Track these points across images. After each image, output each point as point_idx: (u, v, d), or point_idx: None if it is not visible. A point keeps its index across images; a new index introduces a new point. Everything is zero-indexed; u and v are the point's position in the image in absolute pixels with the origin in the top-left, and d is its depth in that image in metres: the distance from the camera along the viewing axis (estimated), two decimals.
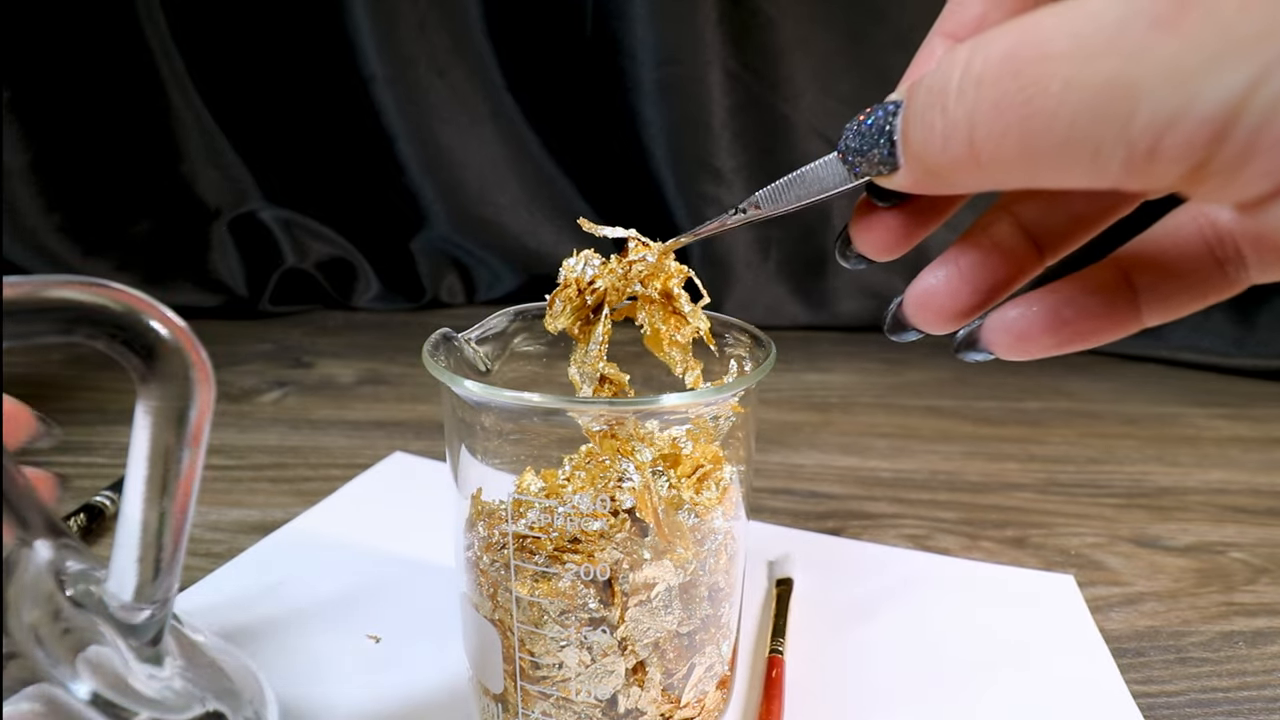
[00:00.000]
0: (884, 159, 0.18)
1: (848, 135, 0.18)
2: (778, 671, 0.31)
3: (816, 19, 0.76)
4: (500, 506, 0.27)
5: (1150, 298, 0.19)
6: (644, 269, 0.26)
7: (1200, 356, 0.76)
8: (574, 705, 0.26)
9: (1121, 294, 0.19)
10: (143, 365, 0.19)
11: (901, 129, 0.17)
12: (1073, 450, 0.57)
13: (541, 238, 0.86)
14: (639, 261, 0.26)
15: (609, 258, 0.26)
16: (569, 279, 0.26)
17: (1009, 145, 0.14)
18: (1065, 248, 0.21)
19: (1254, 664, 0.35)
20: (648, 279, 0.26)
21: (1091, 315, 0.19)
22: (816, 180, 0.20)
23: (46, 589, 0.20)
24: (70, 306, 0.18)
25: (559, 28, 0.80)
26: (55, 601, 0.20)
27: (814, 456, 0.55)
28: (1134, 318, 0.19)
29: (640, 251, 0.26)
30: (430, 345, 0.26)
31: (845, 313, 0.85)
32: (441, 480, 0.29)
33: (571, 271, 0.26)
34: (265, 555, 0.40)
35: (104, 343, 0.18)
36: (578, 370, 0.27)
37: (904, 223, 0.21)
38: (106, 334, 0.18)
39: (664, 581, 0.25)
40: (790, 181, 0.21)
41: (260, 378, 0.66)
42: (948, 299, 0.21)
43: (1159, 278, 0.19)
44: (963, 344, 0.22)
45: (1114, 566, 0.42)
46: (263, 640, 0.34)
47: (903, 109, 0.17)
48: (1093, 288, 0.20)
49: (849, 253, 0.22)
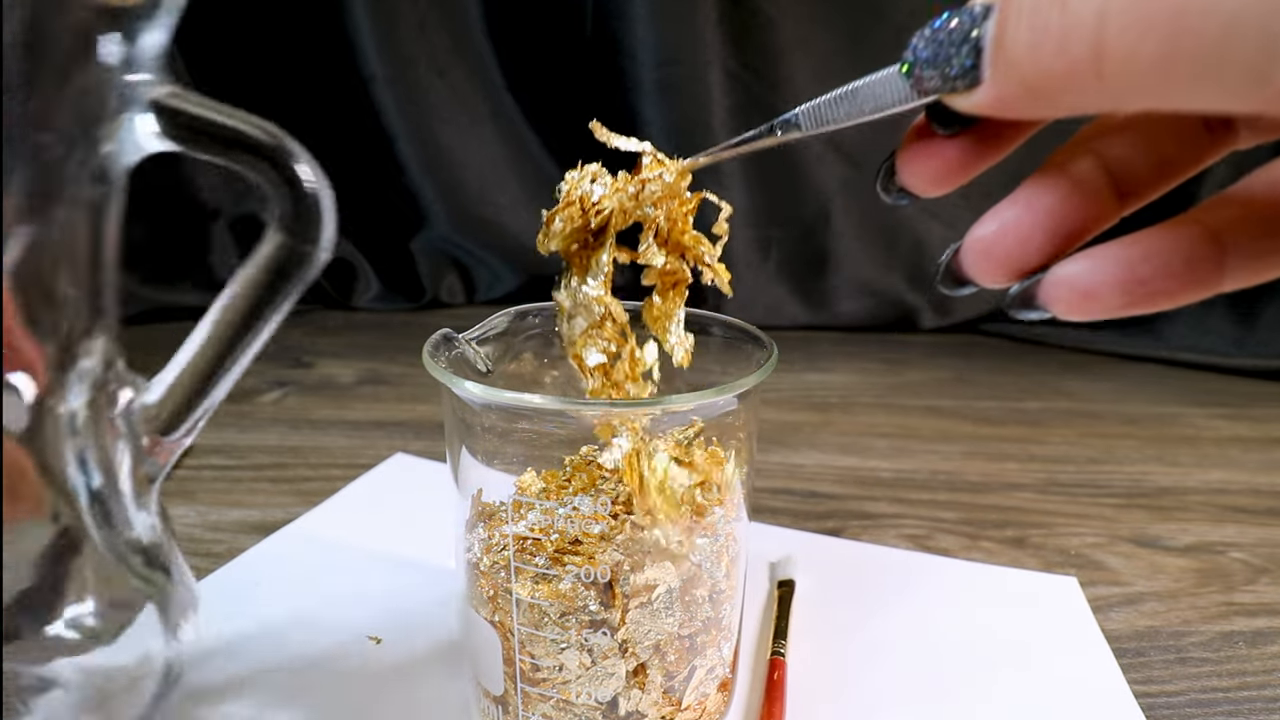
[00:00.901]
0: (963, 71, 0.15)
1: (917, 44, 0.16)
2: (779, 673, 0.31)
3: (816, 19, 0.76)
4: (501, 508, 0.27)
5: (1239, 257, 0.17)
6: (657, 190, 0.23)
7: (1200, 356, 0.76)
8: (574, 708, 0.26)
9: (1205, 251, 0.17)
10: (284, 199, 0.20)
11: (994, 34, 0.15)
12: (1073, 450, 0.57)
13: None
14: (653, 181, 0.23)
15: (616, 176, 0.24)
16: (572, 196, 0.23)
17: (1146, 51, 0.12)
18: (1146, 195, 0.19)
19: (1254, 664, 0.35)
20: (660, 201, 0.23)
21: (1171, 274, 0.17)
22: (871, 97, 0.18)
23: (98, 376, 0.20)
24: (236, 133, 0.20)
25: (559, 28, 0.80)
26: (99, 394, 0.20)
27: (814, 456, 0.55)
28: (1215, 278, 0.17)
29: (656, 169, 0.23)
30: (430, 346, 0.26)
31: (845, 313, 0.85)
32: (442, 481, 0.29)
33: (576, 188, 0.23)
34: (265, 555, 0.40)
35: (254, 170, 0.20)
36: (569, 299, 0.24)
37: (963, 153, 0.19)
38: (258, 162, 0.20)
39: (665, 583, 0.25)
40: (840, 98, 0.18)
41: (260, 378, 0.66)
42: (1016, 246, 0.18)
43: (1253, 235, 0.17)
44: (1017, 301, 0.19)
45: (1114, 566, 0.42)
46: (263, 640, 0.34)
47: (997, 10, 0.15)
48: (1175, 243, 0.17)
49: (891, 186, 0.20)
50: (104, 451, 0.20)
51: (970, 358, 0.78)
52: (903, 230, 0.82)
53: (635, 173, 0.24)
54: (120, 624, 0.20)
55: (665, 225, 0.24)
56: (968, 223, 0.20)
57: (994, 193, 0.19)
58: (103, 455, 0.20)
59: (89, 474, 0.19)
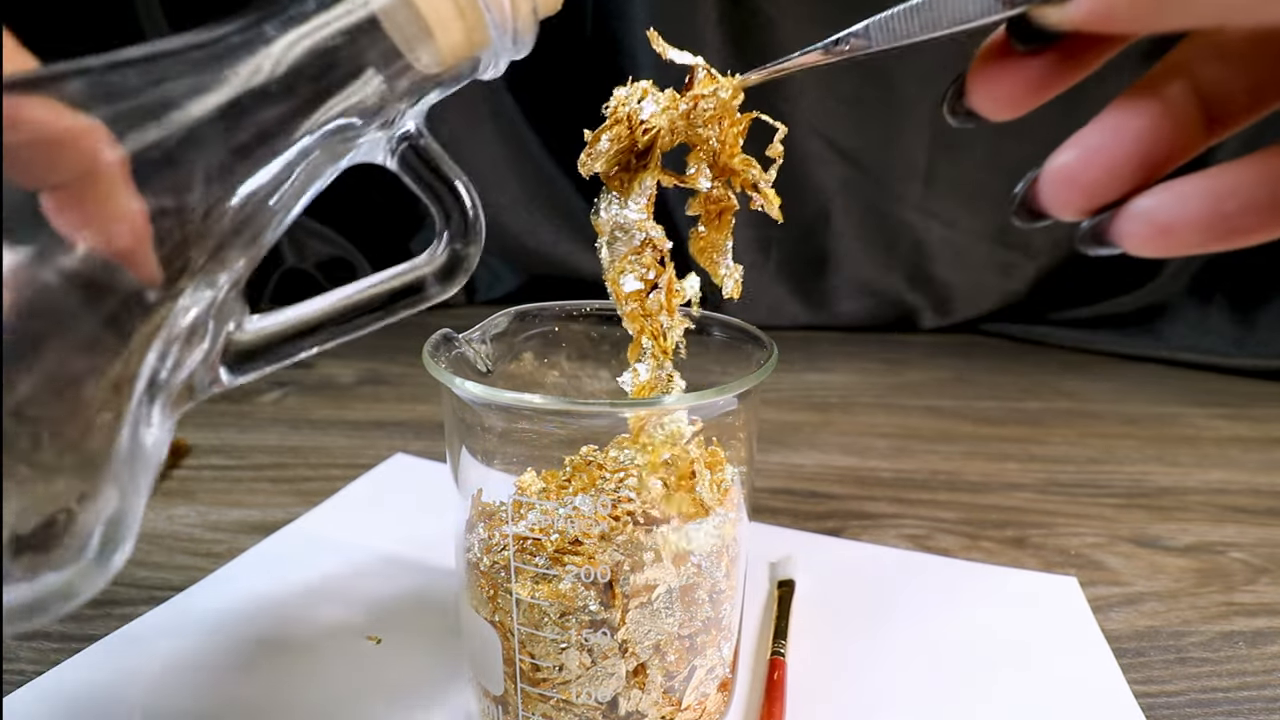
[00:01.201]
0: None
1: None
2: (779, 673, 0.31)
3: (816, 19, 0.76)
4: (501, 508, 0.27)
5: None
6: (711, 108, 0.22)
7: (1200, 356, 0.76)
8: (574, 708, 0.26)
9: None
10: (458, 218, 0.23)
11: None
12: (1073, 450, 0.57)
13: (541, 237, 0.86)
14: (707, 97, 0.22)
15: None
16: (620, 113, 0.22)
17: None
18: (1237, 122, 0.18)
19: (1254, 664, 0.35)
20: (712, 120, 0.22)
21: (1258, 209, 0.16)
22: (951, 8, 0.17)
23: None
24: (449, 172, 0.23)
25: (559, 28, 0.79)
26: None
27: (814, 456, 0.55)
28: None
29: (709, 85, 0.22)
30: (431, 346, 0.26)
31: (845, 313, 0.85)
32: (442, 481, 0.29)
33: (624, 105, 0.22)
34: (265, 555, 0.40)
35: (437, 196, 0.23)
36: (609, 224, 0.24)
37: (1042, 73, 0.17)
38: (446, 193, 0.23)
39: (665, 583, 0.25)
40: (916, 8, 0.17)
41: (260, 378, 0.66)
42: (1101, 173, 0.17)
43: None
44: (1088, 237, 0.18)
45: (1114, 566, 0.42)
46: (263, 640, 0.34)
47: None
48: (1265, 175, 0.16)
49: (959, 107, 0.19)
50: (181, 356, 0.20)
51: (970, 358, 0.78)
52: (903, 230, 0.82)
53: (686, 90, 0.22)
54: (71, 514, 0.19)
55: (715, 147, 0.23)
56: (968, 223, 0.20)
57: (994, 193, 0.19)
58: (178, 358, 0.20)
59: (163, 363, 0.20)
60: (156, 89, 0.18)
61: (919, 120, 0.78)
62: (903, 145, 0.79)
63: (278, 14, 0.20)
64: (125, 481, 0.19)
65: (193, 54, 0.19)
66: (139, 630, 0.34)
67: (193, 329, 0.20)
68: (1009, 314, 0.84)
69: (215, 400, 0.21)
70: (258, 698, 0.31)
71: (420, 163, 0.23)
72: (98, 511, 0.19)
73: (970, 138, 0.78)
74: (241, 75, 0.19)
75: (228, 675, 0.32)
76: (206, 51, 0.19)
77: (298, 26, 0.19)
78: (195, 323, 0.20)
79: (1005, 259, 0.81)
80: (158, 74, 0.18)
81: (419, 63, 0.21)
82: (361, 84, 0.20)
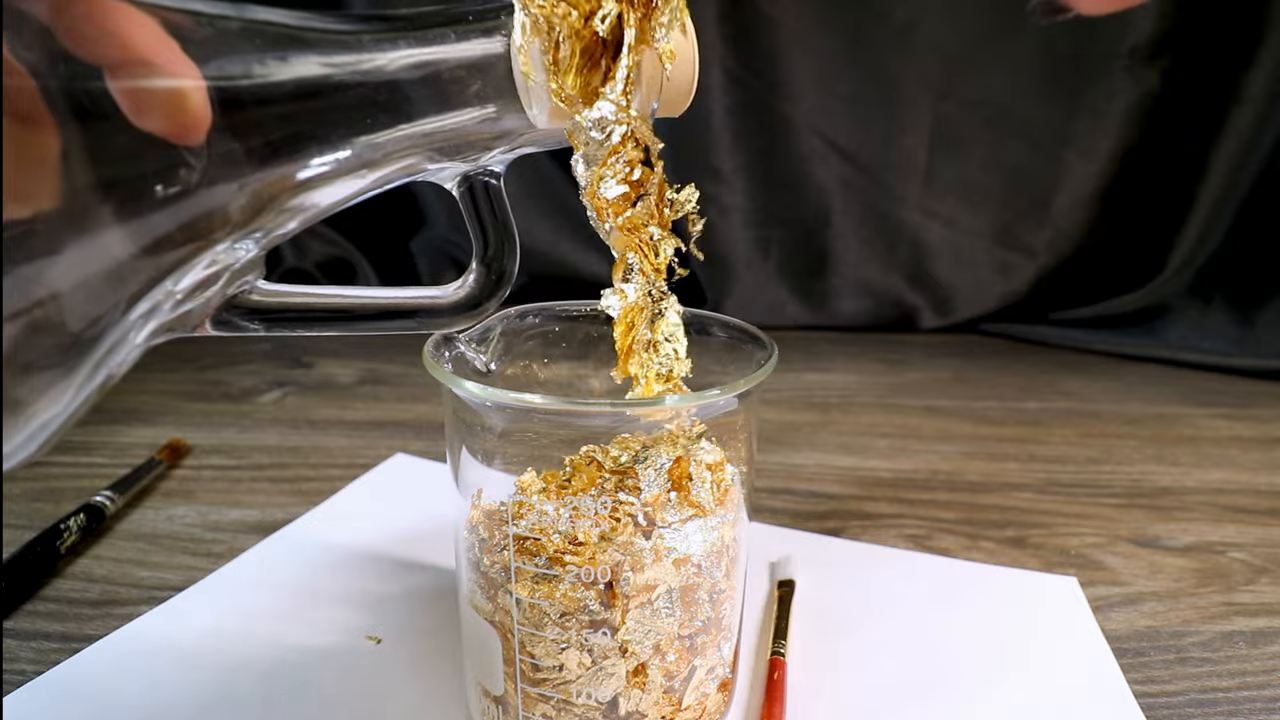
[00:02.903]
0: None
1: None
2: (779, 673, 0.31)
3: (816, 19, 0.76)
4: (501, 508, 0.27)
5: None
6: None
7: (1200, 356, 0.76)
8: (575, 708, 0.26)
9: None
10: (500, 240, 0.25)
11: None
12: (1073, 450, 0.57)
13: (540, 237, 0.86)
14: None
15: None
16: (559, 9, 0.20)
17: None
18: None
19: (1254, 664, 0.35)
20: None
21: None
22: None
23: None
24: (507, 210, 0.24)
25: None
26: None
27: (814, 456, 0.55)
28: None
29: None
30: (431, 346, 0.26)
31: (845, 313, 0.85)
32: (442, 481, 0.29)
33: None
34: (265, 555, 0.40)
35: (485, 223, 0.24)
36: (581, 123, 0.21)
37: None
38: (496, 223, 0.25)
39: (665, 584, 0.25)
40: None
41: (260, 378, 0.66)
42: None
43: None
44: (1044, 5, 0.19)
45: (1114, 566, 0.42)
46: (263, 640, 0.34)
47: None
48: None
49: (1052, 6, 0.19)
50: (191, 295, 0.20)
51: (970, 358, 0.78)
52: (903, 230, 0.82)
53: None
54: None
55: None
56: (968, 223, 0.20)
57: (994, 193, 0.19)
58: (186, 295, 0.20)
59: (172, 295, 0.20)
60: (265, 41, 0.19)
61: (919, 120, 0.78)
62: (903, 145, 0.79)
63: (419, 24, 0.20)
64: (82, 381, 0.19)
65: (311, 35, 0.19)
66: (139, 630, 0.34)
67: (215, 275, 0.20)
68: (1009, 314, 0.84)
69: (215, 400, 0.21)
70: (257, 698, 0.31)
71: (487, 202, 0.24)
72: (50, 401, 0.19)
73: (970, 138, 0.78)
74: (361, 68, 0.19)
75: (228, 675, 0.32)
76: (329, 36, 0.19)
77: (435, 45, 0.20)
78: (219, 270, 0.20)
79: (1005, 259, 0.81)
80: (273, 34, 0.19)
81: (530, 113, 0.21)
82: (465, 115, 0.21)
